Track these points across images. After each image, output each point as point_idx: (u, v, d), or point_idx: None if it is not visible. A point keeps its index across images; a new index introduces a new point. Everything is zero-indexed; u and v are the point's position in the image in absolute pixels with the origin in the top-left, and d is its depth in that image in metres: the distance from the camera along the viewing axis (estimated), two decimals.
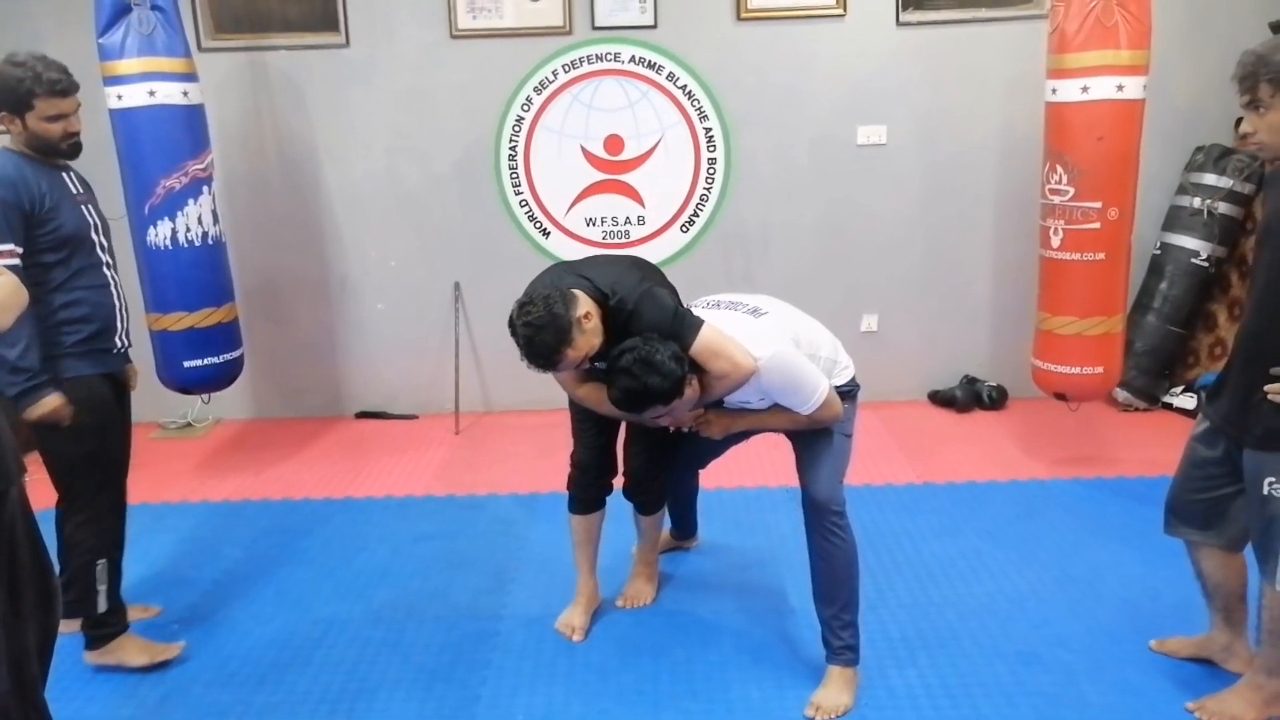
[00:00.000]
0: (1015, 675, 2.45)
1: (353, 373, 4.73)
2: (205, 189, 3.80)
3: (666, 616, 2.80)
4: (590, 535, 2.73)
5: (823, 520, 2.33)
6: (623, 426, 2.68)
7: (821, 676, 2.40)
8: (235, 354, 4.02)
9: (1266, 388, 1.99)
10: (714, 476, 3.08)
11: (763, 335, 2.26)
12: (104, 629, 2.53)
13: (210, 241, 3.84)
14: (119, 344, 2.57)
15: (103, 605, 2.50)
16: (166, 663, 2.57)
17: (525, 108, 4.40)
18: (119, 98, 3.59)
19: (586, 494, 2.69)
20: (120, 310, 2.56)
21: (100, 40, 3.54)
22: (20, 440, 2.03)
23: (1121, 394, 4.31)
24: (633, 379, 2.15)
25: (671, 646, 2.64)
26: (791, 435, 2.45)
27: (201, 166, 3.78)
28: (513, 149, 4.45)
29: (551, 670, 2.54)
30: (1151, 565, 2.94)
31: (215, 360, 3.89)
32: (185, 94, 3.67)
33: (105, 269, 2.52)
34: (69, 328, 2.42)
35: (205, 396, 4.21)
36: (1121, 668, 2.46)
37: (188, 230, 3.75)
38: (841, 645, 2.37)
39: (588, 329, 2.23)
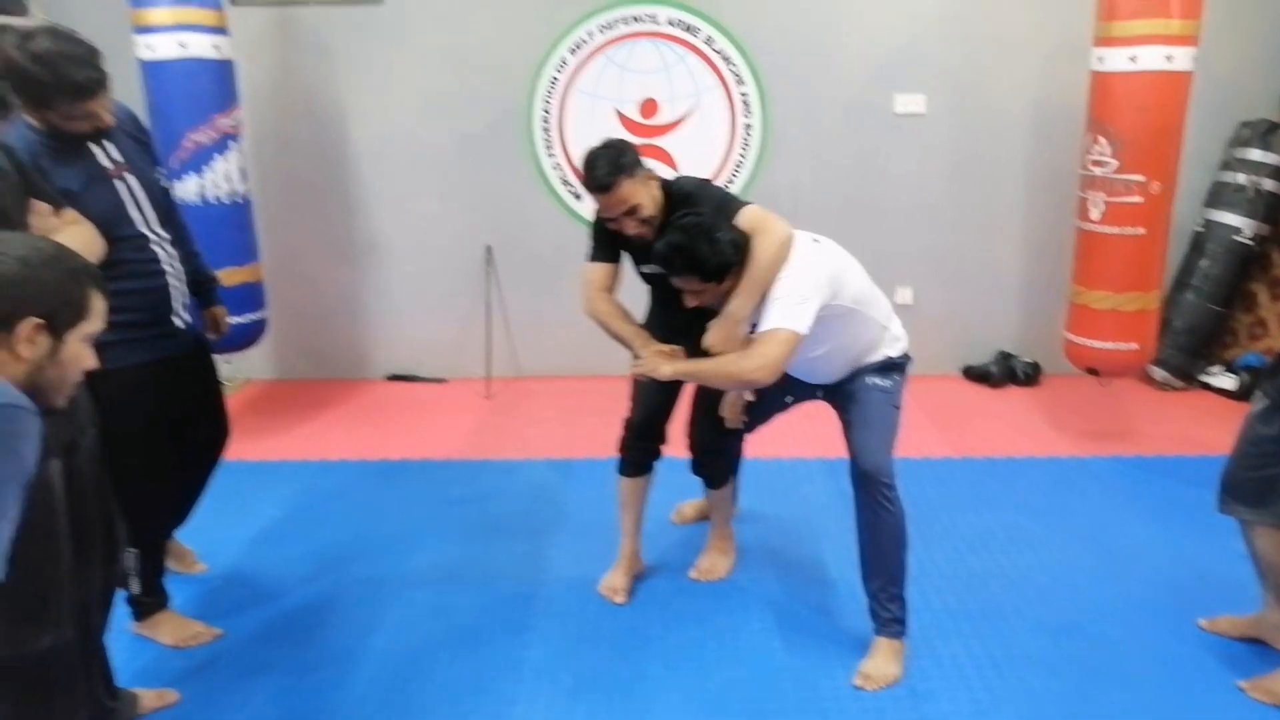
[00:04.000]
0: (1060, 648, 2.45)
1: (380, 335, 4.72)
2: (233, 145, 3.77)
3: (708, 584, 2.80)
4: (636, 498, 2.73)
5: (873, 491, 2.32)
6: (686, 400, 2.68)
7: (864, 647, 2.40)
8: (259, 315, 4.00)
9: None
10: (750, 446, 3.06)
11: (812, 251, 2.24)
12: (141, 606, 2.52)
13: (237, 199, 3.81)
14: (176, 323, 2.38)
15: (135, 589, 2.46)
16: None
17: (560, 69, 4.35)
18: (149, 48, 3.54)
19: (636, 456, 2.68)
20: (175, 287, 2.35)
21: None
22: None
23: (1159, 372, 4.28)
24: (685, 237, 2.16)
25: (714, 614, 2.64)
26: (840, 405, 2.43)
27: (230, 122, 3.74)
28: (546, 111, 4.40)
29: (595, 634, 2.55)
30: (1187, 543, 2.93)
31: (238, 320, 3.85)
32: (216, 48, 3.63)
33: (152, 244, 2.29)
34: (114, 317, 1.84)
35: (227, 357, 4.21)
36: (1167, 643, 2.45)
37: (215, 187, 3.72)
38: (890, 617, 2.36)
39: (648, 183, 2.38)
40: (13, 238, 1.46)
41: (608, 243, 2.52)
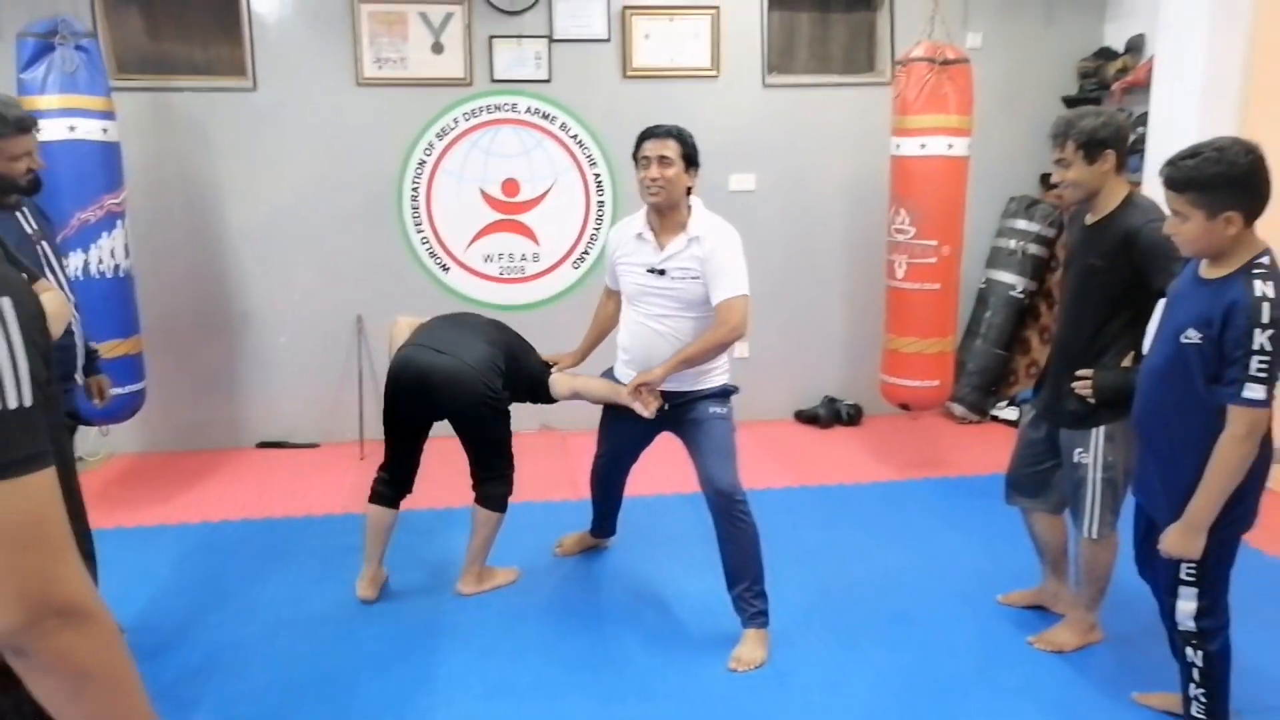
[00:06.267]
0: (894, 631, 2.94)
1: (252, 405, 4.84)
2: (119, 223, 3.90)
3: (593, 605, 3.16)
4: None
5: (730, 507, 2.74)
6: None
7: (733, 640, 2.80)
8: (138, 386, 4.09)
9: (1073, 384, 2.56)
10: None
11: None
12: None
13: (121, 274, 3.93)
14: (78, 380, 2.58)
15: None
16: None
17: (427, 152, 4.71)
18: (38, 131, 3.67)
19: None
20: (79, 347, 2.56)
21: (21, 75, 3.63)
22: None
23: (957, 409, 4.99)
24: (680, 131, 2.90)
25: (601, 624, 3.00)
26: (687, 434, 2.85)
27: (117, 201, 3.89)
28: (415, 190, 4.75)
29: (500, 649, 2.85)
30: (991, 543, 3.52)
31: (119, 391, 3.94)
32: (105, 130, 3.79)
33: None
34: None
35: (104, 428, 4.25)
36: (976, 618, 3.00)
37: (100, 262, 3.84)
38: (755, 611, 2.78)
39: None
40: None
41: None
